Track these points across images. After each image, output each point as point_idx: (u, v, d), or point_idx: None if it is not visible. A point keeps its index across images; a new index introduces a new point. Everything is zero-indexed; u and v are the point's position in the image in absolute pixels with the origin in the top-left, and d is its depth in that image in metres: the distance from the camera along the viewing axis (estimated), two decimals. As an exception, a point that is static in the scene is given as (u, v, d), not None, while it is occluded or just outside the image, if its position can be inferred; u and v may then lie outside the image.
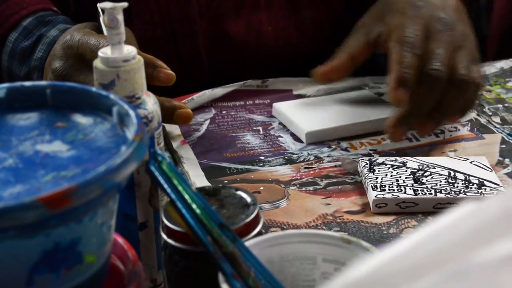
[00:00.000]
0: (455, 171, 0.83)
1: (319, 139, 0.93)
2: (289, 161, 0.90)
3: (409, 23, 0.89)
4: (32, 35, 0.98)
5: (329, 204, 0.82)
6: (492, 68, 1.12)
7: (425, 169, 0.83)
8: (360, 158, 0.86)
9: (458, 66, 0.86)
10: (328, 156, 0.90)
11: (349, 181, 0.86)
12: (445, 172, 0.83)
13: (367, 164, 0.85)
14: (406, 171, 0.83)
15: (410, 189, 0.80)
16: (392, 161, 0.85)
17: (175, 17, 1.00)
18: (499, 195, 0.34)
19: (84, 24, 0.92)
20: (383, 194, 0.79)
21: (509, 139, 0.93)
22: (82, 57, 0.86)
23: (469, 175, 0.83)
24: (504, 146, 0.92)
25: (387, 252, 0.34)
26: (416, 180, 0.82)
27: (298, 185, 0.85)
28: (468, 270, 0.32)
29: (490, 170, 0.84)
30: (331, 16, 1.12)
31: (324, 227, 0.78)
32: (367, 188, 0.82)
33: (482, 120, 0.98)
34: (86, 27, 0.90)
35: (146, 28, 1.02)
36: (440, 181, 0.82)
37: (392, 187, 0.80)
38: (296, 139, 0.95)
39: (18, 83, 0.59)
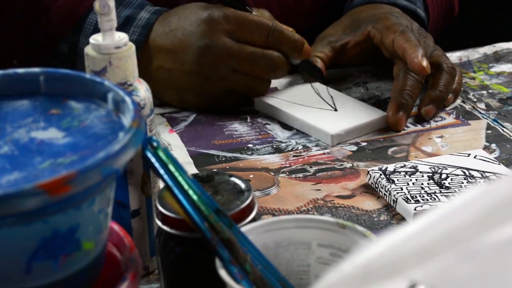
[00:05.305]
0: (468, 169, 0.82)
1: (344, 139, 0.91)
2: (278, 150, 0.89)
3: (398, 23, 0.98)
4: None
5: (319, 190, 0.82)
6: (475, 54, 1.12)
7: (439, 172, 0.81)
8: (370, 169, 0.81)
9: (444, 59, 0.99)
10: (316, 146, 0.90)
11: (338, 167, 0.86)
12: (459, 172, 0.81)
13: (381, 174, 0.80)
14: (422, 176, 0.80)
15: (441, 195, 0.78)
16: (402, 167, 0.82)
17: None
18: (508, 177, 0.35)
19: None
20: (422, 206, 0.76)
21: (495, 124, 0.94)
22: (229, 32, 0.93)
23: (483, 172, 0.81)
24: (490, 131, 0.93)
25: (397, 234, 0.34)
26: (440, 185, 0.79)
27: (287, 173, 0.85)
28: (478, 251, 0.32)
29: (497, 162, 0.83)
30: None
31: (315, 212, 0.78)
32: (394, 201, 0.78)
33: (467, 107, 0.98)
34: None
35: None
36: (462, 182, 0.80)
37: (423, 196, 0.77)
38: (284, 127, 0.94)
39: (11, 70, 0.58)
